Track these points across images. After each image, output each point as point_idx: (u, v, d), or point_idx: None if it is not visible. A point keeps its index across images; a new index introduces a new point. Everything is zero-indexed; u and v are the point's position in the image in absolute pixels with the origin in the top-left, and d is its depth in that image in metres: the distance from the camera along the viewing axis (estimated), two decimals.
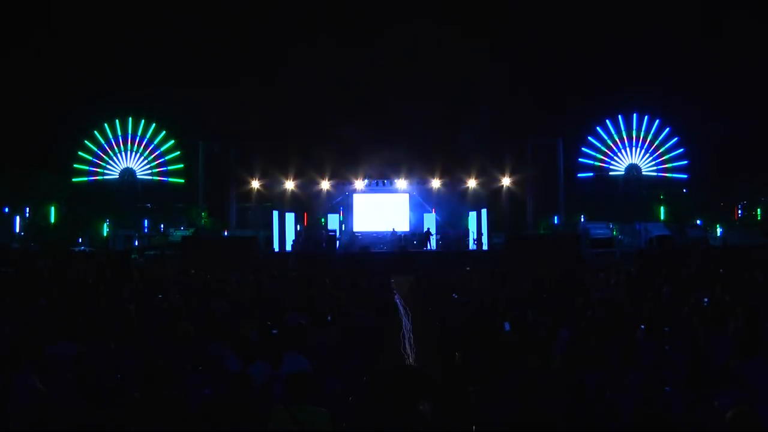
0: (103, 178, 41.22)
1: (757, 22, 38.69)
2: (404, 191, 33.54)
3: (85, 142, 41.07)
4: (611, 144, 40.51)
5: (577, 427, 4.77)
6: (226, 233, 34.87)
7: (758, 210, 42.15)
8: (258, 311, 9.70)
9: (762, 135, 37.00)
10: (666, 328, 7.95)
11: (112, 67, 42.07)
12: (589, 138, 40.54)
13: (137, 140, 41.22)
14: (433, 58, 38.90)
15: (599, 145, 40.54)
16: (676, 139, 40.21)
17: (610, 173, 40.57)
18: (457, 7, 41.98)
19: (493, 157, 33.48)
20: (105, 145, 41.20)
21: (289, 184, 33.77)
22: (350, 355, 7.44)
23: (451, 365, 7.69)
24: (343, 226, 33.25)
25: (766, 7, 39.51)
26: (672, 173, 40.47)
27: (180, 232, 36.09)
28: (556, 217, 36.71)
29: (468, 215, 31.17)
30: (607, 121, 40.53)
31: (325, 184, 33.66)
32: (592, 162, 40.52)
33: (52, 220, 41.14)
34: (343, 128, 31.29)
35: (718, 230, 38.54)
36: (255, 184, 34.22)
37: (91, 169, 41.18)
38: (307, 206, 34.12)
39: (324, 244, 29.00)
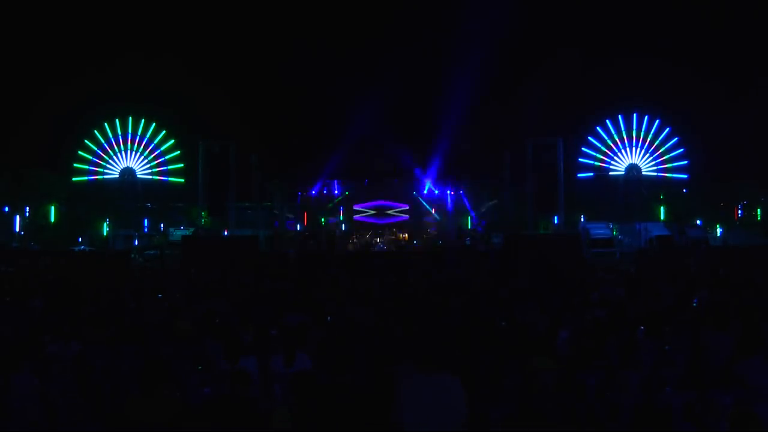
0: (103, 178, 41.17)
1: (758, 20, 38.69)
2: (404, 191, 33.57)
3: (85, 141, 41.04)
4: (611, 144, 40.49)
5: (577, 427, 4.77)
6: (226, 233, 34.85)
7: (758, 210, 42.11)
8: (258, 311, 9.69)
9: (762, 135, 36.98)
10: (666, 328, 7.94)
11: (112, 67, 42.07)
12: (589, 138, 40.53)
13: (137, 140, 41.18)
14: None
15: (599, 145, 40.52)
16: (676, 139, 40.20)
17: (610, 173, 40.54)
18: (456, 8, 41.95)
19: (494, 157, 33.50)
20: (105, 145, 41.15)
21: (289, 184, 33.77)
22: (350, 354, 7.43)
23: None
24: (344, 226, 33.28)
25: (766, 6, 39.47)
26: (672, 173, 40.45)
27: (180, 232, 36.08)
28: (556, 217, 36.67)
29: (467, 215, 31.17)
30: (607, 121, 40.52)
31: (326, 185, 33.69)
32: (592, 162, 40.49)
33: (52, 220, 41.09)
34: (343, 128, 31.39)
35: (718, 230, 38.51)
36: (255, 184, 34.15)
37: (91, 168, 41.13)
38: (307, 206, 34.16)
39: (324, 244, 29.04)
